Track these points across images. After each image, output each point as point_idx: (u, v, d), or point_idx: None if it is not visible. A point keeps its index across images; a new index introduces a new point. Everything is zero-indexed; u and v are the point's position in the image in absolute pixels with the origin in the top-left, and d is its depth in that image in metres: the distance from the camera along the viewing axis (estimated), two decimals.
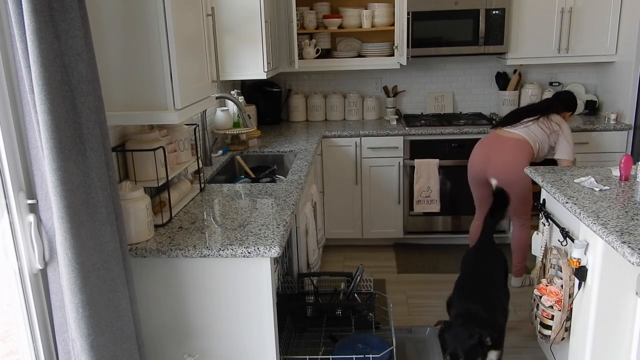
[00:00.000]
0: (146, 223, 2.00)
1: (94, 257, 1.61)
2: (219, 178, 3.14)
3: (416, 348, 2.72)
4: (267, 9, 3.42)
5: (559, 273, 2.46)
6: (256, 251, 1.90)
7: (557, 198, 2.43)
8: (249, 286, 1.96)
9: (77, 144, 1.56)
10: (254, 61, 3.35)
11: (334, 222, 4.16)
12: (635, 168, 2.61)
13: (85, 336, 1.59)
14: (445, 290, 3.57)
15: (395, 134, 3.98)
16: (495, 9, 3.94)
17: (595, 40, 4.01)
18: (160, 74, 1.91)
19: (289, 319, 2.65)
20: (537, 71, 4.45)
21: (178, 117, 1.94)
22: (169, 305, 2.02)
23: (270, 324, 2.00)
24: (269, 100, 4.38)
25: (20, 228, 1.62)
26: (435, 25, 4.00)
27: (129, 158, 2.16)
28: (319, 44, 4.26)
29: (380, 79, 4.56)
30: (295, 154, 3.45)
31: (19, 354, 1.71)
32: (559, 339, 2.45)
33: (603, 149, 3.94)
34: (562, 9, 3.95)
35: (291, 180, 2.76)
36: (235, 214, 2.27)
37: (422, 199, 4.02)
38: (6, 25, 1.54)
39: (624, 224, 2.02)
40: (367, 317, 2.63)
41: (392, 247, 4.26)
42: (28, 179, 1.66)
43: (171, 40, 1.88)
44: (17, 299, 1.65)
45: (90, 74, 1.58)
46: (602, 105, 4.33)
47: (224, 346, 2.04)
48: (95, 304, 1.61)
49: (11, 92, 1.58)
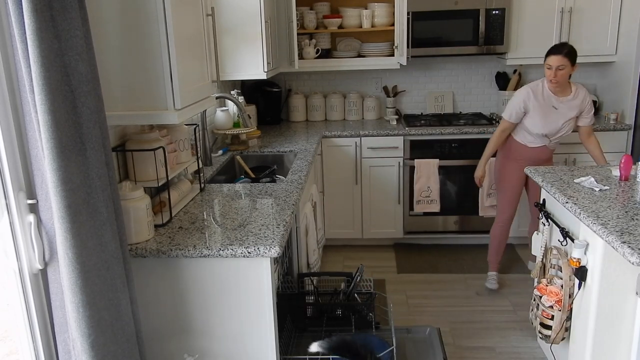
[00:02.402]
0: (146, 223, 2.00)
1: (94, 257, 1.61)
2: (219, 178, 3.14)
3: (416, 348, 2.72)
4: (267, 9, 3.42)
5: (559, 273, 2.46)
6: (256, 251, 1.90)
7: (557, 198, 2.44)
8: (249, 286, 1.96)
9: (77, 144, 1.56)
10: (254, 61, 3.35)
11: (334, 222, 4.16)
12: (635, 168, 2.61)
13: (85, 336, 1.59)
14: (445, 290, 3.58)
15: (395, 134, 3.98)
16: (495, 9, 3.93)
17: (595, 40, 4.01)
18: (160, 74, 1.91)
19: (289, 319, 2.65)
20: (537, 71, 4.45)
21: (178, 117, 1.94)
22: (169, 305, 2.02)
23: (270, 324, 2.00)
24: (269, 100, 4.38)
25: (20, 228, 1.62)
26: (435, 25, 4.00)
27: (129, 158, 2.16)
28: (319, 44, 4.26)
29: (380, 79, 4.56)
30: (295, 154, 3.45)
31: (19, 354, 1.71)
32: (559, 339, 2.45)
33: (603, 149, 3.92)
34: (562, 9, 3.95)
35: (291, 180, 2.76)
36: (235, 214, 2.27)
37: (422, 199, 4.02)
38: (6, 25, 1.54)
39: (624, 224, 2.02)
40: (367, 317, 2.63)
41: (392, 247, 4.26)
42: (28, 179, 1.66)
43: (171, 40, 1.88)
44: (17, 299, 1.65)
45: (90, 74, 1.58)
46: (602, 105, 4.33)
47: (224, 346, 2.04)
48: (96, 304, 1.61)
49: (11, 92, 1.58)
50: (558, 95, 3.22)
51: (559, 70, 3.08)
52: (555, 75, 3.10)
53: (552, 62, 3.09)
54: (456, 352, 2.93)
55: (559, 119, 3.23)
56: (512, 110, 3.30)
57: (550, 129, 3.26)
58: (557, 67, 3.08)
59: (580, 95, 3.24)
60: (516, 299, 3.43)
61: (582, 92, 3.26)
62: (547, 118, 3.23)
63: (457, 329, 3.14)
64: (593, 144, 3.34)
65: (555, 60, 3.08)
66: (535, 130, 3.27)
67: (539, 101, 3.22)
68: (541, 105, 3.22)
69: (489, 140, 3.48)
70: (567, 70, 3.10)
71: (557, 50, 3.11)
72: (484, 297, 3.48)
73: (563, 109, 3.22)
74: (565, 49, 3.08)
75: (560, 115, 3.23)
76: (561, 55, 3.07)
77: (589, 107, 3.26)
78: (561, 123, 3.24)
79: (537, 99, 3.23)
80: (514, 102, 3.29)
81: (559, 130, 3.27)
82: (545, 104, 3.22)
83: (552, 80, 3.14)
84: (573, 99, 3.23)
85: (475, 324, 3.19)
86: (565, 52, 3.07)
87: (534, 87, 3.26)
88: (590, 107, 3.27)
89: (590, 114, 3.28)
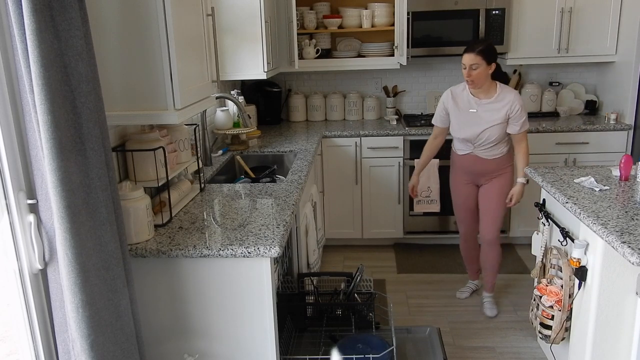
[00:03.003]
0: (146, 223, 2.00)
1: (94, 257, 1.61)
2: (219, 178, 3.14)
3: (416, 348, 2.72)
4: (267, 9, 3.42)
5: (559, 273, 2.46)
6: (256, 251, 1.90)
7: (557, 198, 2.44)
8: (249, 286, 1.96)
9: (77, 144, 1.56)
10: (254, 61, 3.35)
11: (334, 222, 4.16)
12: (635, 168, 2.61)
13: (85, 336, 1.59)
14: (445, 290, 3.58)
15: (395, 134, 3.98)
16: (495, 9, 3.93)
17: (595, 40, 4.01)
18: (160, 74, 1.91)
19: (289, 319, 2.65)
20: (537, 71, 4.45)
21: (178, 117, 1.94)
22: (169, 305, 2.02)
23: (270, 324, 2.00)
24: (269, 100, 4.38)
25: (20, 228, 1.62)
26: (435, 25, 4.00)
27: (129, 158, 2.16)
28: (319, 44, 4.26)
29: (380, 79, 4.56)
30: (295, 154, 3.45)
31: (19, 354, 1.71)
32: (559, 339, 2.45)
33: (603, 149, 3.94)
34: (562, 9, 3.95)
35: (291, 180, 2.76)
36: (235, 214, 2.27)
37: (422, 199, 4.02)
38: (6, 25, 1.54)
39: (624, 224, 2.02)
40: (367, 317, 2.63)
41: (392, 247, 4.26)
42: (28, 179, 1.66)
43: (171, 40, 1.88)
44: (17, 299, 1.65)
45: (90, 74, 1.58)
46: (602, 105, 4.33)
47: (224, 346, 2.04)
48: (95, 304, 1.61)
49: (11, 92, 1.58)
50: (479, 97, 2.96)
51: (472, 69, 2.84)
52: (469, 75, 2.86)
53: (465, 61, 2.86)
54: (456, 352, 2.93)
55: (479, 122, 2.95)
56: (436, 113, 3.17)
57: (470, 134, 2.99)
58: (470, 66, 2.84)
59: (507, 99, 2.92)
60: (516, 299, 3.43)
61: (510, 95, 2.92)
62: (464, 121, 2.99)
63: (457, 329, 3.14)
64: (519, 153, 3.01)
65: (468, 59, 2.84)
66: (456, 134, 3.08)
67: (457, 103, 3.02)
68: (459, 107, 3.01)
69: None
70: (482, 69, 2.84)
71: (470, 47, 2.85)
72: None
73: (483, 112, 2.94)
74: (479, 47, 2.82)
75: (479, 119, 2.95)
76: (473, 53, 2.82)
77: (519, 113, 2.91)
78: (482, 127, 2.95)
79: (455, 101, 3.02)
80: (438, 105, 3.15)
81: (479, 135, 2.96)
82: (465, 106, 3.00)
83: (467, 80, 2.91)
84: (495, 101, 2.93)
85: (475, 324, 3.19)
86: (478, 50, 2.81)
87: (456, 88, 3.07)
88: (521, 113, 2.91)
89: (520, 121, 2.92)
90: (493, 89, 2.96)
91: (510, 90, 2.97)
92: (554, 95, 4.37)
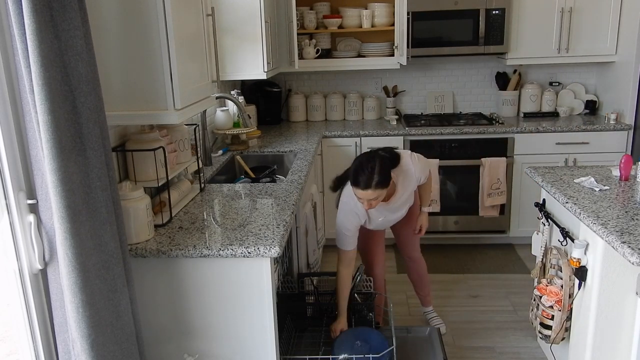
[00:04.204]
0: (146, 223, 2.00)
1: (94, 257, 1.61)
2: (219, 178, 3.14)
3: (416, 348, 2.72)
4: (267, 9, 3.42)
5: (559, 273, 2.46)
6: (256, 251, 1.90)
7: (557, 198, 2.44)
8: (249, 286, 1.96)
9: (77, 144, 1.56)
10: (254, 61, 3.35)
11: (334, 222, 4.15)
12: (635, 168, 2.61)
13: (85, 336, 1.59)
14: (445, 290, 3.58)
15: (395, 134, 3.98)
16: (495, 9, 3.93)
17: (595, 40, 4.01)
18: (160, 74, 1.91)
19: (289, 319, 2.65)
20: (537, 71, 4.45)
21: (178, 117, 1.94)
22: (169, 305, 2.02)
23: (270, 324, 2.00)
24: (269, 100, 4.38)
25: (20, 228, 1.62)
26: (435, 25, 4.00)
27: (129, 158, 2.16)
28: (319, 44, 4.26)
29: (380, 79, 4.56)
30: (295, 154, 3.45)
31: (19, 354, 1.71)
32: (559, 339, 2.45)
33: (603, 149, 3.94)
34: (562, 9, 3.95)
35: (291, 180, 2.76)
36: (235, 214, 2.27)
37: None
38: (6, 25, 1.54)
39: (624, 224, 2.02)
40: (367, 317, 2.63)
41: (392, 247, 4.26)
42: (28, 179, 1.66)
43: (171, 40, 1.88)
44: (17, 299, 1.65)
45: (90, 74, 1.58)
46: (602, 105, 4.33)
47: (224, 346, 2.04)
48: (96, 304, 1.61)
49: (11, 92, 1.58)
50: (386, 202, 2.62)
51: (372, 200, 2.42)
52: (370, 205, 2.45)
53: (363, 197, 2.41)
54: (456, 352, 2.93)
55: (395, 213, 2.74)
56: (345, 238, 2.63)
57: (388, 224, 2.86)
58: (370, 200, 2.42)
59: (407, 183, 2.65)
60: (516, 299, 3.43)
61: (407, 179, 2.63)
62: (379, 224, 2.77)
63: (457, 329, 3.14)
64: (423, 188, 2.88)
65: (366, 195, 2.39)
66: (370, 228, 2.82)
67: (369, 214, 2.65)
68: (373, 216, 2.68)
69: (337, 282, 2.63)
70: (383, 195, 2.43)
71: (365, 184, 2.36)
72: (484, 297, 3.48)
73: (396, 206, 2.69)
74: (374, 181, 2.34)
75: (396, 210, 2.72)
76: (371, 189, 2.36)
77: (422, 178, 2.70)
78: (399, 214, 2.78)
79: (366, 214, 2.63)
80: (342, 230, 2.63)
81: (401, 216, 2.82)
82: (375, 215, 2.68)
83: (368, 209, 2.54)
84: (402, 194, 2.65)
85: (475, 324, 3.19)
86: (375, 183, 2.35)
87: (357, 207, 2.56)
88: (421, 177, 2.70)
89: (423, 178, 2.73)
90: (392, 188, 2.60)
91: (402, 174, 2.62)
92: (554, 95, 4.37)
